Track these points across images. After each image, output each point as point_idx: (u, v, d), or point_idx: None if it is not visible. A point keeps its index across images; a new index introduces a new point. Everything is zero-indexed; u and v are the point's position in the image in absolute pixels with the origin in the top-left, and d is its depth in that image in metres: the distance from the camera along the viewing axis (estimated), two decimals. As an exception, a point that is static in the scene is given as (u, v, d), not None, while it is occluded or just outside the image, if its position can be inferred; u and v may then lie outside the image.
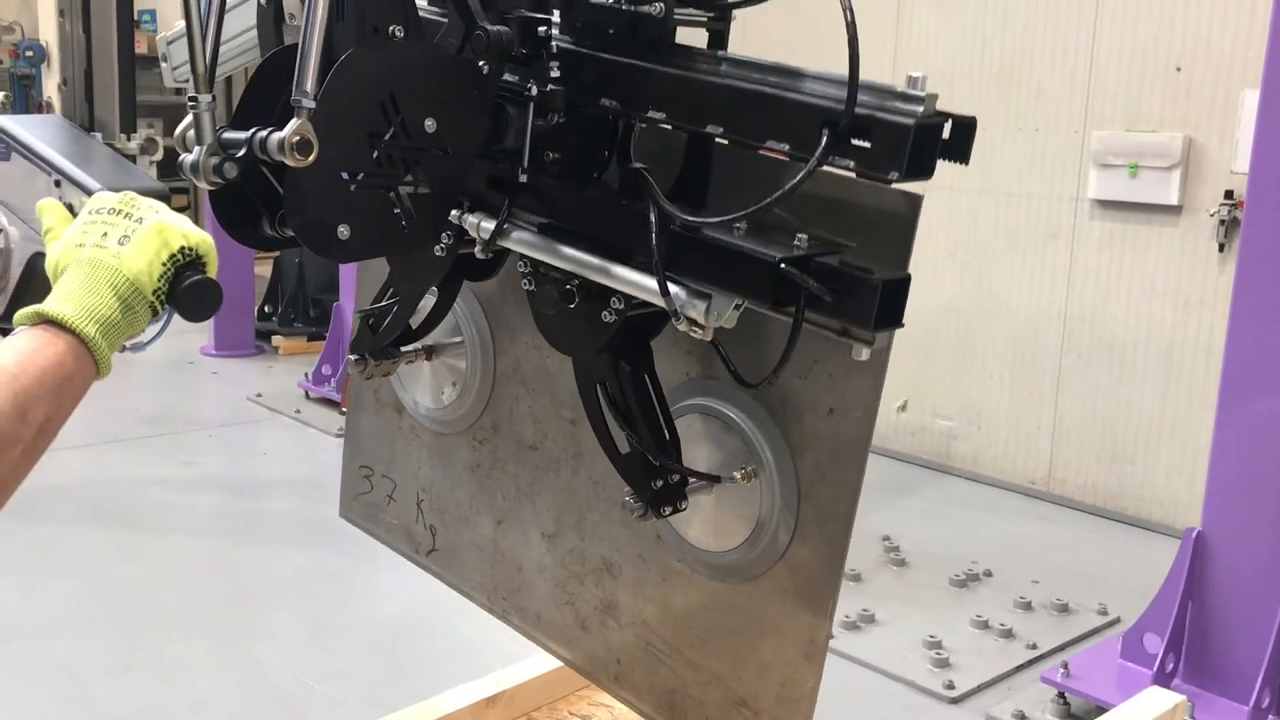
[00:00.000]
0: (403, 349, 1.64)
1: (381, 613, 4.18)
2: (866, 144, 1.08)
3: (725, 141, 1.24)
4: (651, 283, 1.19)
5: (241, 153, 1.14)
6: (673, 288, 1.18)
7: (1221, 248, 4.89)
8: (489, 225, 1.31)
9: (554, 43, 1.27)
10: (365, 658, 3.84)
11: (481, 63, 1.22)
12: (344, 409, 4.41)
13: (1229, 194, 4.83)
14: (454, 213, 1.34)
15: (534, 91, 1.25)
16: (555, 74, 1.26)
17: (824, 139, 1.08)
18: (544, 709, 2.10)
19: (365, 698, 3.57)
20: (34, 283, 1.14)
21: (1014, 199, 5.60)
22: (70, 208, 1.11)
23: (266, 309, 8.49)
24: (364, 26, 1.15)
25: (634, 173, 1.25)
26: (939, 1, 5.74)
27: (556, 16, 1.28)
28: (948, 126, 1.09)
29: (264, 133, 1.12)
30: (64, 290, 1.08)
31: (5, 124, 1.19)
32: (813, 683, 1.41)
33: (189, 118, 1.17)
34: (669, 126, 1.26)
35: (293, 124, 1.10)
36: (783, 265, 1.12)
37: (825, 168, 1.11)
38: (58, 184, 1.14)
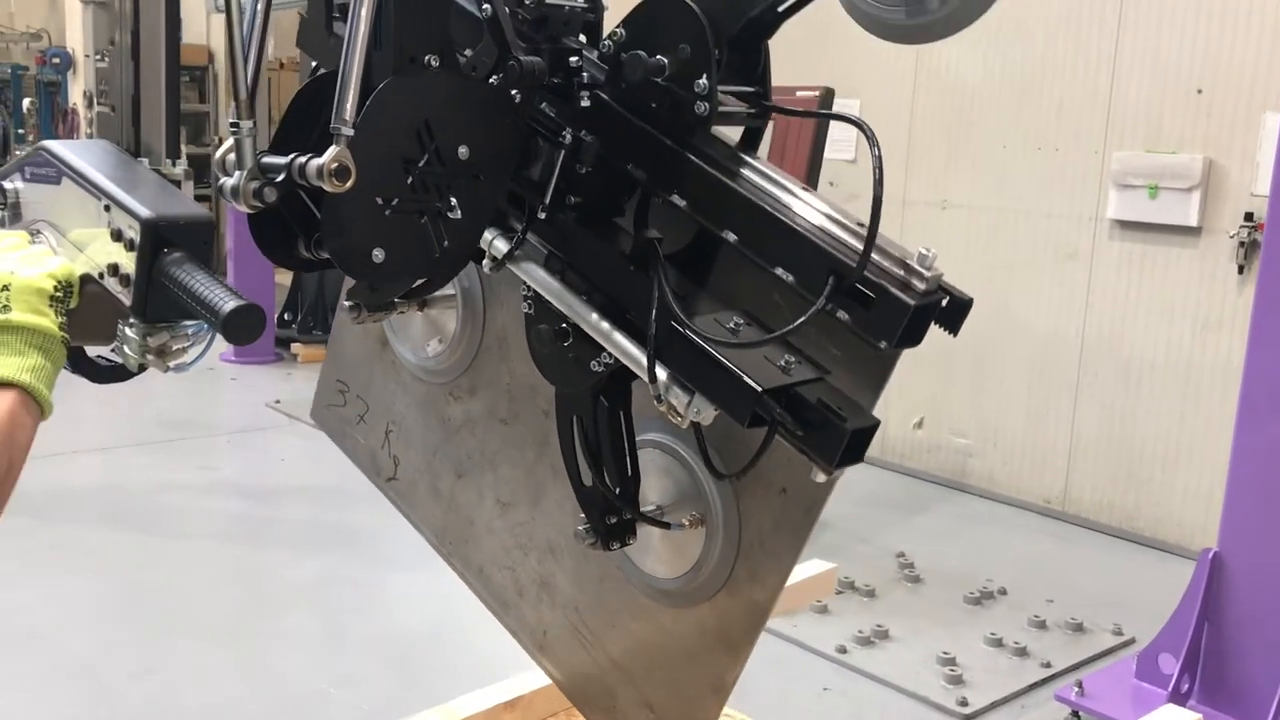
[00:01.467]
0: (396, 301, 1.67)
1: (398, 619, 4.21)
2: (868, 297, 1.12)
3: None
4: (643, 358, 1.23)
5: (281, 178, 1.17)
6: (661, 372, 1.22)
7: (1241, 269, 4.88)
8: (501, 246, 1.34)
9: (584, 72, 1.30)
10: (382, 664, 3.87)
11: (514, 91, 1.25)
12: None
13: (1249, 216, 4.83)
14: None
15: (567, 139, 1.28)
16: (585, 103, 1.29)
17: (828, 287, 1.12)
18: (561, 714, 2.11)
19: (382, 703, 3.59)
20: (80, 304, 1.17)
21: (1033, 218, 5.60)
22: (119, 233, 1.13)
23: (286, 316, 8.56)
24: (401, 56, 1.18)
25: (648, 242, 1.28)
26: (960, 20, 5.73)
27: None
28: (946, 299, 1.13)
29: (303, 159, 1.15)
30: None
31: (55, 148, 1.21)
32: (714, 715, 1.50)
33: (230, 141, 1.20)
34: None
35: (331, 151, 1.13)
36: (763, 395, 1.15)
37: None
38: (107, 209, 1.16)
